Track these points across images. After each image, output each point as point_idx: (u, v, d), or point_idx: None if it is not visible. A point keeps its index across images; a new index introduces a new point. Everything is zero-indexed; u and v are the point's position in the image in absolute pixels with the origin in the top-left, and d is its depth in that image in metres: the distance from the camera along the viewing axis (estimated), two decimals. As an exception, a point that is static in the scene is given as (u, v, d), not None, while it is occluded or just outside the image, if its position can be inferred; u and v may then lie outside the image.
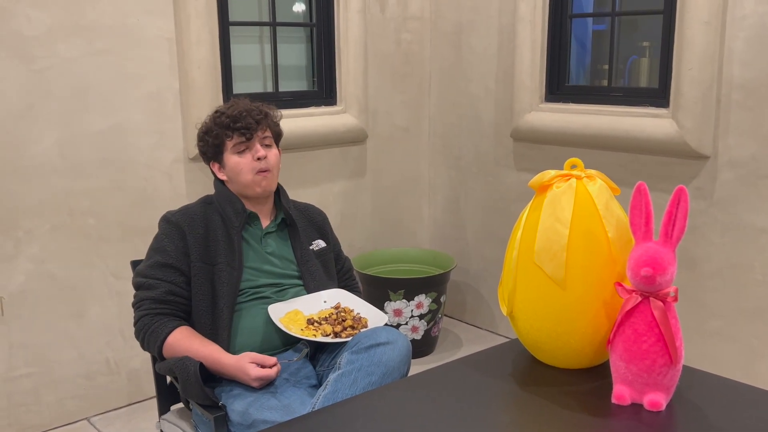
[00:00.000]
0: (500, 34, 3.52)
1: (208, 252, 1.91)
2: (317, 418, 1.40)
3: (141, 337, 1.88)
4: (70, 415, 2.87)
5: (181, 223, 1.92)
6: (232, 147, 1.96)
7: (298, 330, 1.86)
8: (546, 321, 1.50)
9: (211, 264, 1.90)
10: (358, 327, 1.90)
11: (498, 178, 3.66)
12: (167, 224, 1.93)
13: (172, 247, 1.89)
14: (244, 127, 1.94)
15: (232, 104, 2.00)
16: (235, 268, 1.91)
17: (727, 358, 2.90)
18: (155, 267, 1.88)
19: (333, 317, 1.93)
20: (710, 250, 2.90)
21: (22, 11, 2.58)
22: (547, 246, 1.47)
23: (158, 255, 1.89)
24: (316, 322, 1.90)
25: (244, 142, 1.95)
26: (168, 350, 1.83)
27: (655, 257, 1.34)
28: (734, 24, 2.70)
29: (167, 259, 1.88)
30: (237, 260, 1.92)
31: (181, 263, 1.88)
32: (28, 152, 2.66)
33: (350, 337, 1.83)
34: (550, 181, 1.52)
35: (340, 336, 1.86)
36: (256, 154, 1.95)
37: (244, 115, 1.95)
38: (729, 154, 2.79)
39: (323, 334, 1.86)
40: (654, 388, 1.38)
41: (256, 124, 1.96)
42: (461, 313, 3.99)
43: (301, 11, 3.53)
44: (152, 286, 1.87)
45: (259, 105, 2.02)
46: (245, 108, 1.97)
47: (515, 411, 1.41)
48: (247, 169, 1.95)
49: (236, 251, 1.93)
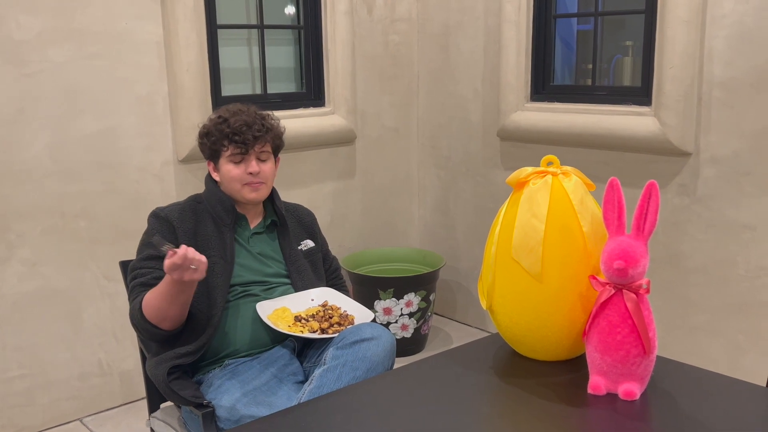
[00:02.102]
0: (486, 35, 3.56)
1: (197, 246, 1.92)
2: (301, 411, 1.44)
3: (131, 318, 1.87)
4: (63, 415, 2.90)
5: (170, 218, 1.95)
6: (227, 155, 1.97)
7: (286, 326, 1.89)
8: (524, 314, 1.54)
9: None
10: (344, 324, 1.93)
11: (487, 178, 3.70)
12: (156, 219, 1.95)
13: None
14: (241, 141, 1.95)
15: (237, 112, 1.99)
16: (228, 261, 1.94)
17: (712, 352, 2.94)
18: (147, 259, 1.91)
19: (320, 314, 1.96)
20: (693, 246, 2.94)
21: (13, 16, 2.61)
22: (524, 241, 1.51)
23: (149, 248, 1.92)
24: (303, 319, 1.93)
25: (240, 154, 1.97)
26: (146, 308, 1.81)
27: (628, 250, 1.38)
28: (714, 23, 2.75)
29: (158, 251, 1.90)
30: (229, 254, 1.95)
31: None
32: (20, 156, 2.69)
33: (337, 334, 1.87)
34: (526, 178, 1.55)
35: (327, 332, 1.90)
36: (248, 168, 1.96)
37: (244, 129, 1.95)
38: (711, 151, 2.84)
39: (310, 330, 1.89)
40: (628, 378, 1.42)
41: (254, 140, 1.96)
42: (451, 312, 4.03)
43: (289, 14, 3.57)
44: (143, 274, 1.89)
45: (263, 118, 2.01)
46: (247, 121, 1.96)
47: (495, 402, 1.45)
48: (237, 179, 1.97)
49: (228, 245, 1.96)
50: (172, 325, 1.84)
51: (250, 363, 1.89)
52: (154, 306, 1.80)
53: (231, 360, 1.91)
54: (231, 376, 1.85)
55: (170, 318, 1.82)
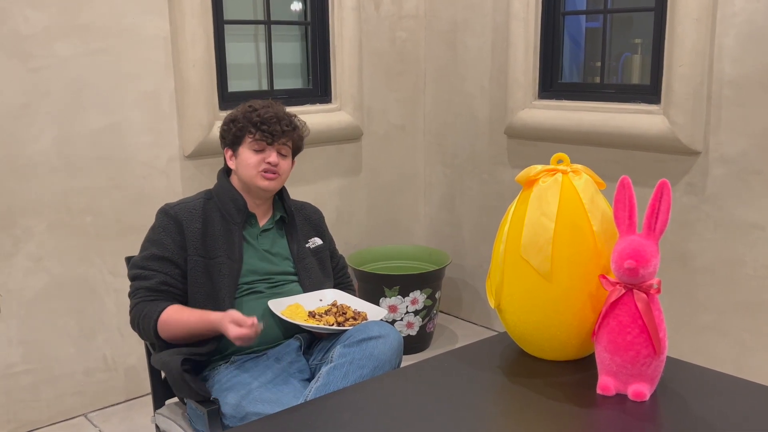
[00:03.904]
0: (494, 31, 3.54)
1: (205, 246, 1.93)
2: (307, 408, 1.43)
3: (136, 323, 1.90)
4: (68, 411, 2.90)
5: (179, 216, 1.94)
6: (250, 143, 1.98)
7: (303, 320, 1.88)
8: (533, 313, 1.52)
9: (209, 258, 1.92)
10: (358, 319, 1.93)
11: (493, 176, 3.68)
12: (165, 217, 1.95)
13: (168, 240, 1.91)
14: (269, 131, 1.97)
15: (267, 105, 2.02)
16: (236, 260, 1.94)
17: (719, 352, 2.93)
18: (151, 259, 1.91)
19: (333, 310, 1.95)
20: (702, 246, 2.92)
21: (19, 11, 2.61)
22: (533, 239, 1.50)
23: (154, 247, 1.92)
24: (317, 315, 1.92)
25: (263, 142, 1.98)
26: (162, 327, 1.86)
27: (639, 250, 1.36)
28: (724, 21, 2.72)
29: (163, 252, 1.90)
30: (237, 253, 1.95)
31: (177, 256, 1.91)
32: (26, 151, 2.69)
33: (353, 327, 1.86)
34: (536, 176, 1.54)
35: (344, 325, 1.89)
36: (268, 158, 1.97)
37: (274, 120, 1.97)
38: (720, 150, 2.82)
39: (326, 324, 1.88)
40: (638, 379, 1.41)
41: (281, 134, 1.99)
42: (457, 310, 4.02)
43: (296, 10, 3.55)
44: (147, 277, 1.90)
45: (292, 116, 2.04)
46: (278, 114, 1.99)
47: (503, 402, 1.43)
48: (254, 165, 1.97)
49: (236, 245, 1.95)
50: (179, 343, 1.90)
51: (257, 360, 1.89)
52: (171, 325, 1.86)
53: (237, 356, 1.91)
54: (237, 372, 1.84)
55: (183, 341, 1.88)
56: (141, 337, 1.94)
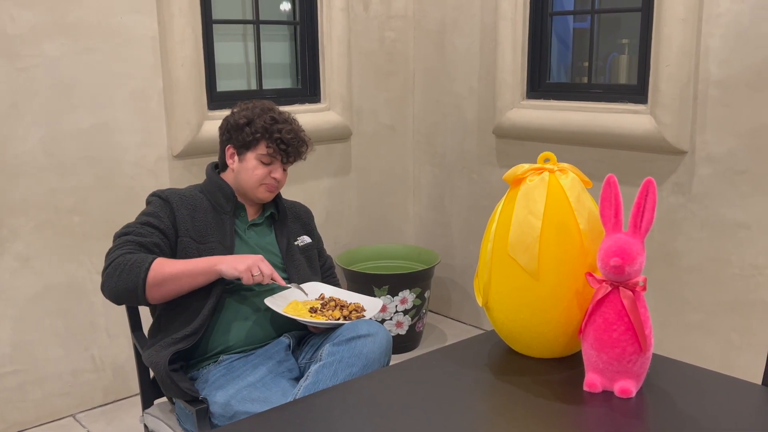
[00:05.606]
0: (482, 32, 3.55)
1: (196, 230, 1.92)
2: (296, 407, 1.43)
3: (118, 271, 1.78)
4: (55, 411, 2.89)
5: (170, 199, 1.94)
6: (261, 154, 1.99)
7: (309, 316, 1.87)
8: (520, 312, 1.53)
9: (200, 242, 1.91)
10: (360, 311, 1.93)
11: (482, 175, 3.69)
12: (157, 198, 1.95)
13: (163, 215, 1.90)
14: (286, 152, 1.99)
15: (288, 120, 2.03)
16: (227, 248, 1.94)
17: (706, 351, 2.95)
18: (146, 225, 1.89)
19: (332, 304, 1.95)
20: (689, 245, 2.94)
21: (6, 10, 2.60)
22: (520, 238, 1.51)
23: (149, 218, 1.90)
24: (319, 310, 1.92)
25: (275, 159, 2.00)
26: (155, 273, 1.77)
27: (624, 247, 1.37)
28: (710, 21, 2.75)
29: (159, 223, 1.89)
30: (229, 240, 1.95)
31: (169, 231, 1.90)
32: (13, 150, 2.67)
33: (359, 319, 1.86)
34: (523, 175, 1.55)
35: (350, 318, 1.89)
36: (275, 173, 2.00)
37: (295, 142, 2.00)
38: (706, 150, 2.84)
39: (332, 319, 1.88)
40: (624, 376, 1.42)
41: (296, 156, 2.03)
42: (446, 309, 4.03)
43: (284, 9, 3.55)
44: (142, 234, 1.87)
45: (306, 138, 2.06)
46: (298, 136, 2.02)
47: (491, 399, 1.44)
48: (260, 178, 1.99)
49: (228, 233, 1.95)
50: (154, 298, 1.81)
51: (245, 359, 1.89)
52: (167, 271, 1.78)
53: (226, 356, 1.90)
54: (226, 372, 1.84)
55: (165, 289, 1.80)
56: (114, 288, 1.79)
